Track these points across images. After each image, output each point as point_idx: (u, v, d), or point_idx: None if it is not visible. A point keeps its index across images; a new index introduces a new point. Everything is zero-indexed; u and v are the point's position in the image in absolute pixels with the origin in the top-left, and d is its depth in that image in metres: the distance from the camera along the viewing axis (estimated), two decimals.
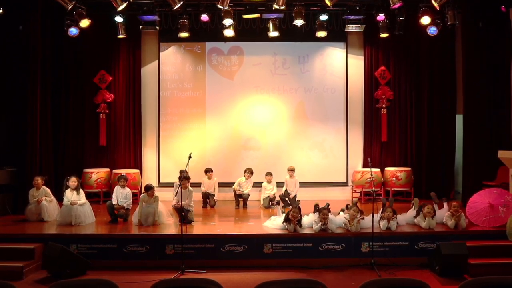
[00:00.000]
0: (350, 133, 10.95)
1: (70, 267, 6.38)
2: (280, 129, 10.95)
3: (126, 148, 10.71)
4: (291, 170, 9.74)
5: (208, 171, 9.88)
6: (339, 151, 10.94)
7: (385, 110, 10.71)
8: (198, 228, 7.73)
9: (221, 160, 10.83)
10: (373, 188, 7.88)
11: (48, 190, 8.36)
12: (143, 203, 7.73)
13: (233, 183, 9.90)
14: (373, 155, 10.68)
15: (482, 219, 7.36)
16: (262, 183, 9.90)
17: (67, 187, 7.98)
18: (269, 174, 9.86)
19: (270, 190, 9.76)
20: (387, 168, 10.44)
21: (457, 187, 10.28)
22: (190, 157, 7.34)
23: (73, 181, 7.98)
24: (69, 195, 7.91)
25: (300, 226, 7.18)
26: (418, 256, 6.99)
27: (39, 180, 8.28)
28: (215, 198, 9.72)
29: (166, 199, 8.99)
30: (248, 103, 10.94)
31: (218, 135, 10.91)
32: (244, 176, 9.87)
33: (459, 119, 10.06)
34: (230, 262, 6.88)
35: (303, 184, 9.93)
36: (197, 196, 9.33)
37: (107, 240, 7.02)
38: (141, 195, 8.03)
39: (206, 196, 9.70)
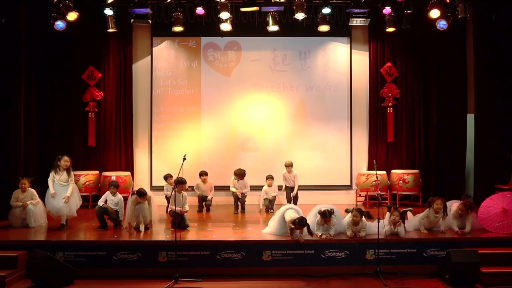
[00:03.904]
0: (354, 133, 10.78)
1: (56, 276, 6.31)
2: (280, 129, 10.79)
3: (117, 149, 10.54)
4: (289, 166, 9.58)
5: (202, 174, 9.69)
6: (342, 152, 10.77)
7: (391, 109, 10.53)
8: (193, 234, 7.58)
9: (217, 161, 10.69)
10: (379, 192, 7.60)
11: (34, 193, 8.13)
12: (134, 205, 7.51)
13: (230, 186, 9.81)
14: (379, 156, 10.49)
15: (495, 225, 7.27)
16: (262, 186, 9.74)
17: (58, 167, 7.79)
18: (270, 177, 9.65)
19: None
20: (393, 171, 10.27)
21: (468, 191, 10.10)
22: (184, 159, 7.24)
23: (65, 160, 7.82)
24: (57, 177, 7.77)
25: (311, 234, 7.01)
26: (426, 264, 6.91)
27: (26, 183, 8.02)
28: (208, 198, 9.56)
29: (158, 203, 8.71)
30: (246, 101, 10.78)
31: (214, 135, 10.75)
32: (235, 178, 9.69)
33: (470, 118, 9.84)
34: (227, 270, 6.82)
35: (304, 188, 9.85)
36: (191, 200, 9.15)
37: (96, 247, 6.93)
38: (131, 197, 7.71)
39: (202, 200, 9.54)
